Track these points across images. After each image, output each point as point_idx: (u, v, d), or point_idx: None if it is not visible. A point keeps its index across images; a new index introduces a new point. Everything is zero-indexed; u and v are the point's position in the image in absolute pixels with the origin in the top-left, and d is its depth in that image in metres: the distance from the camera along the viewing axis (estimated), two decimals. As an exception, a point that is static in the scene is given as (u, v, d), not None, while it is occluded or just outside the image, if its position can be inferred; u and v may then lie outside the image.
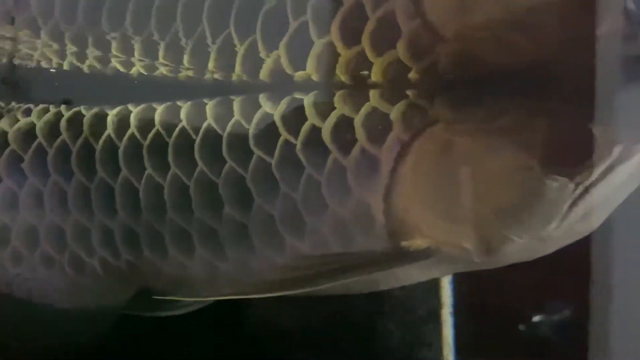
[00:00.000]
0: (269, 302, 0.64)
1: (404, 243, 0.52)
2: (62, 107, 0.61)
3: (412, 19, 0.51)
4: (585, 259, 0.60)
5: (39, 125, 0.61)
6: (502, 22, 0.50)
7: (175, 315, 0.59)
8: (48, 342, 0.60)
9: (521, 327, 0.71)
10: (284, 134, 0.54)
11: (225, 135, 0.55)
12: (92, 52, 0.59)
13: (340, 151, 0.53)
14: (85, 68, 0.60)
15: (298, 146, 0.54)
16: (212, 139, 0.55)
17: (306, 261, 0.53)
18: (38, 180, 0.60)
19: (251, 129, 0.55)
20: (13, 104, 0.63)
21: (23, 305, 0.61)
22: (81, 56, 0.59)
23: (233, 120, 0.55)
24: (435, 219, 0.52)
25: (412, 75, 0.53)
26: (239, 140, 0.55)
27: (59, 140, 0.60)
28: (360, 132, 0.53)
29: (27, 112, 0.62)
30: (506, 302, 0.70)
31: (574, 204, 0.49)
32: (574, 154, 0.49)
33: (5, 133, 0.61)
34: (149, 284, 0.59)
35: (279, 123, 0.54)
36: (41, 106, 0.62)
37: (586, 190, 0.48)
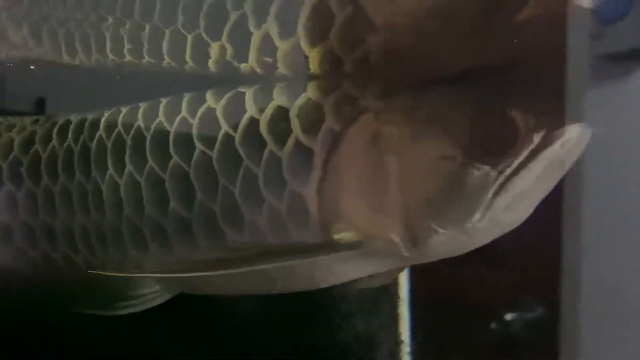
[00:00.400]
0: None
1: (336, 236, 0.50)
2: (63, 118, 0.66)
3: (343, 10, 0.50)
4: (555, 258, 0.59)
5: (39, 132, 0.66)
6: (427, 12, 0.49)
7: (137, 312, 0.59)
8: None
9: (493, 325, 0.68)
10: (225, 127, 0.54)
11: (172, 131, 0.56)
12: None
13: (275, 143, 0.52)
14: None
15: (237, 139, 0.53)
16: (161, 135, 0.56)
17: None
18: (33, 184, 0.64)
19: (195, 124, 0.55)
20: (25, 117, 0.68)
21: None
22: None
23: (180, 116, 0.56)
24: (364, 210, 0.49)
25: (346, 65, 0.51)
26: (184, 135, 0.55)
27: (50, 146, 0.64)
28: (295, 123, 0.52)
29: (35, 122, 0.67)
30: (478, 300, 0.66)
31: (496, 193, 0.46)
32: (495, 142, 0.46)
33: (12, 140, 0.67)
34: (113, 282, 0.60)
35: (220, 116, 0.54)
36: (46, 116, 0.67)
37: (508, 178, 0.46)
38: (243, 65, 0.55)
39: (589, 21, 0.51)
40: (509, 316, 0.68)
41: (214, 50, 0.55)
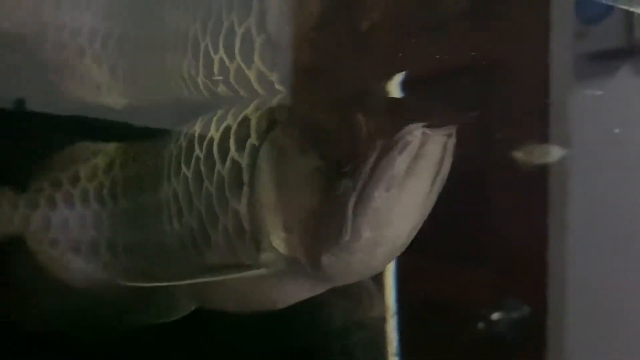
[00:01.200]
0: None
1: (262, 255, 0.49)
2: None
3: (260, 36, 0.52)
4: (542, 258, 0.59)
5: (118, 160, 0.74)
6: (308, 40, 0.52)
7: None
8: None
9: (480, 325, 0.66)
10: (196, 149, 0.56)
11: (174, 154, 0.60)
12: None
13: (221, 161, 0.53)
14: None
15: (201, 159, 0.55)
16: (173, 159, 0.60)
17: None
18: (113, 204, 0.73)
19: (183, 147, 0.58)
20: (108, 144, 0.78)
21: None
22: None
23: (181, 140, 0.59)
24: (276, 228, 0.48)
25: (275, 83, 0.53)
26: (178, 158, 0.59)
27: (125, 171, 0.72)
28: (232, 141, 0.52)
29: (117, 149, 0.76)
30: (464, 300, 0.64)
31: (356, 207, 0.43)
32: (347, 154, 0.43)
33: (97, 166, 0.76)
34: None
35: (196, 138, 0.57)
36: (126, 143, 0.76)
37: (361, 192, 0.42)
38: (220, 89, 0.57)
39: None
40: (495, 315, 0.65)
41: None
